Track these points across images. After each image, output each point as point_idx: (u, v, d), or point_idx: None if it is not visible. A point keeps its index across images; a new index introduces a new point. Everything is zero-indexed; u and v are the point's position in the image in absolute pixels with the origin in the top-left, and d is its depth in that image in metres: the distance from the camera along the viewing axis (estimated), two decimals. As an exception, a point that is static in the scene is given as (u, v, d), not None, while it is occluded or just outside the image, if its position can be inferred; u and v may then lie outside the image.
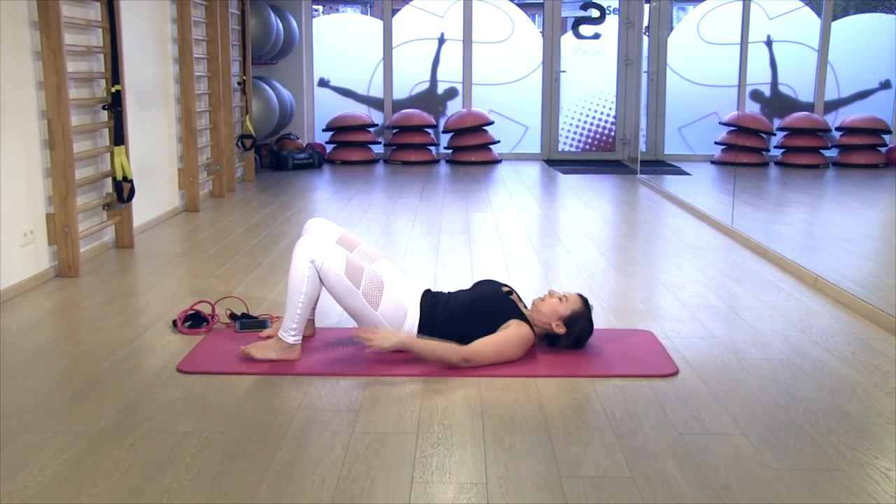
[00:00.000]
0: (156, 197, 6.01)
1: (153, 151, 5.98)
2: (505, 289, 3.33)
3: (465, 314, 3.20)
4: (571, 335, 3.25)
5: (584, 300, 3.29)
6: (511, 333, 3.13)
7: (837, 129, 9.58)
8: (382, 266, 3.36)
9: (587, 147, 10.76)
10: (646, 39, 10.23)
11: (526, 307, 3.32)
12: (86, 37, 4.84)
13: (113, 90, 4.92)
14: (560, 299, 3.24)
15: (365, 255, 3.38)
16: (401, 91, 10.57)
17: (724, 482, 2.29)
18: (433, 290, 3.39)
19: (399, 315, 3.17)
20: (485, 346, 3.09)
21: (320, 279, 3.11)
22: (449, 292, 3.39)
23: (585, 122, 10.73)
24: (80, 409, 2.73)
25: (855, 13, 9.93)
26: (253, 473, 2.32)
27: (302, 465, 2.37)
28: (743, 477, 2.32)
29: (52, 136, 4.33)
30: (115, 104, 4.93)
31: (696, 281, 4.46)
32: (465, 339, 3.16)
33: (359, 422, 2.66)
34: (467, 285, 4.22)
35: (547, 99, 10.59)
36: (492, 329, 3.16)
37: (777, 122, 9.81)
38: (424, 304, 3.25)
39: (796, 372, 3.13)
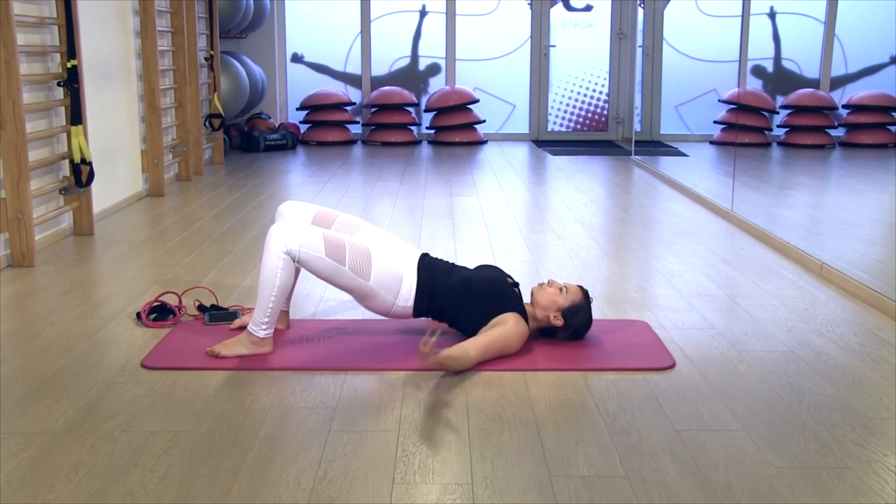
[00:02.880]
0: (117, 180, 5.98)
1: (114, 132, 5.93)
2: (510, 280, 3.35)
3: (466, 291, 3.23)
4: (570, 328, 3.27)
5: (585, 292, 3.32)
6: (513, 330, 3.14)
7: (844, 106, 9.63)
8: (366, 234, 3.37)
9: (578, 127, 10.77)
10: (641, 11, 10.23)
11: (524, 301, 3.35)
12: (37, 6, 4.79)
13: (69, 65, 4.87)
14: (560, 290, 3.26)
15: (345, 226, 3.38)
16: (380, 67, 10.54)
17: (724, 481, 2.31)
18: (432, 255, 3.40)
19: (394, 282, 3.18)
20: (491, 345, 3.09)
21: (301, 266, 3.11)
22: (452, 263, 3.41)
23: (576, 101, 10.73)
24: (35, 409, 2.72)
25: (863, -17, 9.97)
26: (223, 475, 2.31)
27: (276, 465, 2.37)
28: (743, 475, 2.34)
29: (3, 114, 4.28)
30: (71, 80, 4.88)
31: (694, 268, 4.49)
32: (457, 316, 3.22)
33: (336, 419, 2.66)
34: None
35: (535, 75, 10.58)
36: (488, 314, 3.18)
37: (780, 100, 9.85)
38: (422, 268, 3.26)
39: (800, 364, 3.15)
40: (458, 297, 3.23)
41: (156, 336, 3.39)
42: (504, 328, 3.14)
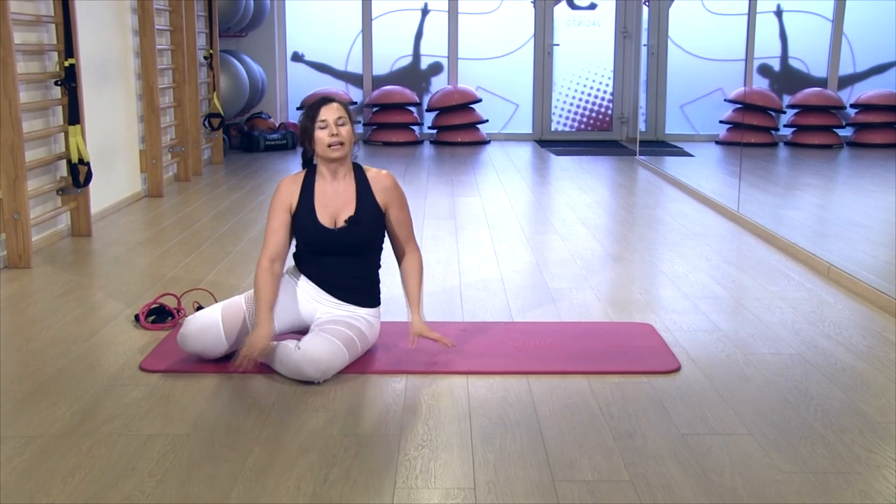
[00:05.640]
0: (115, 181, 5.98)
1: (112, 131, 5.94)
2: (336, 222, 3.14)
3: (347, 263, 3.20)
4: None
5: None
6: (400, 196, 3.27)
7: (852, 105, 9.63)
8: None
9: (582, 127, 10.77)
10: (646, 10, 10.23)
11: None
12: (34, 4, 4.80)
13: (66, 64, 4.88)
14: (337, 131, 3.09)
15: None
16: (381, 66, 10.54)
17: (730, 485, 2.31)
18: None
19: (370, 329, 3.18)
20: (410, 233, 3.25)
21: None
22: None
23: (580, 100, 10.73)
24: (31, 413, 2.72)
25: (871, -19, 9.96)
26: (222, 479, 2.31)
27: (275, 469, 2.37)
28: (750, 480, 2.34)
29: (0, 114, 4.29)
30: (68, 79, 4.89)
31: (700, 270, 4.48)
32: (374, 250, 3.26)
33: (337, 423, 2.66)
34: (452, 274, 4.26)
35: (539, 74, 10.58)
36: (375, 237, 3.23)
37: (787, 99, 9.85)
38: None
39: (807, 367, 3.15)
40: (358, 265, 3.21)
41: (154, 338, 3.39)
42: (402, 204, 3.29)
